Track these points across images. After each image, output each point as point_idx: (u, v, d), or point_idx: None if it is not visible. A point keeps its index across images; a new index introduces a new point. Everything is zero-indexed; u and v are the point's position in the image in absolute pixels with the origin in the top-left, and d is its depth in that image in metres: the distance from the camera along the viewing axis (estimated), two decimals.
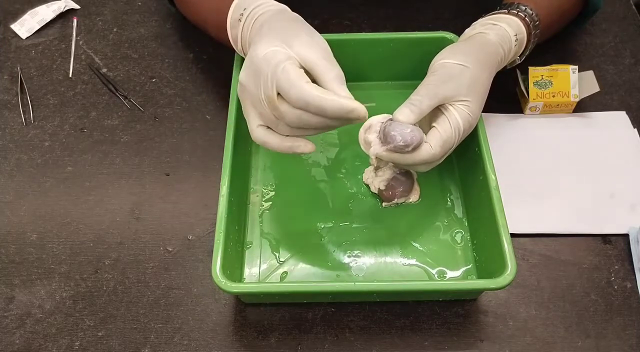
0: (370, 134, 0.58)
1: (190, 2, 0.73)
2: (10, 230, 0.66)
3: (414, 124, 0.57)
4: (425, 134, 0.58)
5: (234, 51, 0.66)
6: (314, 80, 0.53)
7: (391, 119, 0.57)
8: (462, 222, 0.65)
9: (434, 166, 0.60)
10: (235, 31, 0.62)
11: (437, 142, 0.57)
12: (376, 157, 0.57)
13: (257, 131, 0.56)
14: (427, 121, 0.60)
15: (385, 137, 0.56)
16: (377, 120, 0.58)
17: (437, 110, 0.58)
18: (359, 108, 0.51)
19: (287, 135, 0.55)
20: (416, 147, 0.56)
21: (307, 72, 0.53)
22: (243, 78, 0.55)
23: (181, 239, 0.65)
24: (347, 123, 0.53)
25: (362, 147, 0.59)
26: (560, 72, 0.71)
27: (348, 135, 0.71)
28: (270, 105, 0.53)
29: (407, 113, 0.56)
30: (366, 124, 0.58)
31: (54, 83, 0.79)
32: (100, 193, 0.69)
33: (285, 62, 0.52)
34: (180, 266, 0.63)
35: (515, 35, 0.63)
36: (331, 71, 0.53)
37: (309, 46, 0.54)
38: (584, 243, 0.64)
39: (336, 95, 0.51)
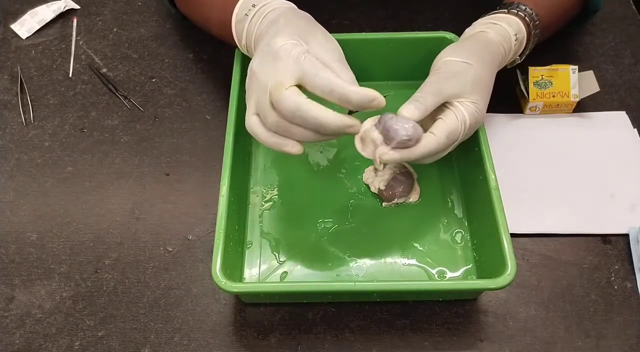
0: (371, 133, 0.57)
1: (192, 0, 0.73)
2: (10, 230, 0.66)
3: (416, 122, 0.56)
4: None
5: (234, 51, 0.66)
6: None
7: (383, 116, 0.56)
8: (462, 222, 0.65)
9: (438, 158, 0.59)
10: (241, 26, 0.62)
11: (443, 131, 0.56)
12: (380, 160, 0.57)
13: (252, 119, 0.56)
14: (430, 121, 0.60)
15: (387, 132, 0.55)
16: (370, 124, 0.58)
17: (442, 107, 0.58)
18: (380, 98, 0.52)
19: (275, 133, 0.55)
20: (417, 141, 0.56)
21: None
22: (256, 66, 0.55)
23: (181, 239, 0.65)
24: (342, 131, 0.54)
25: (359, 150, 0.58)
26: (560, 72, 0.71)
27: (348, 136, 0.70)
28: (275, 91, 0.52)
29: (411, 109, 0.56)
30: (360, 134, 0.58)
31: (54, 83, 0.79)
32: (100, 193, 0.69)
33: (307, 53, 0.53)
34: (180, 266, 0.63)
35: (515, 34, 0.63)
36: (345, 73, 0.54)
37: (325, 47, 0.55)
38: (584, 243, 0.64)
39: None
